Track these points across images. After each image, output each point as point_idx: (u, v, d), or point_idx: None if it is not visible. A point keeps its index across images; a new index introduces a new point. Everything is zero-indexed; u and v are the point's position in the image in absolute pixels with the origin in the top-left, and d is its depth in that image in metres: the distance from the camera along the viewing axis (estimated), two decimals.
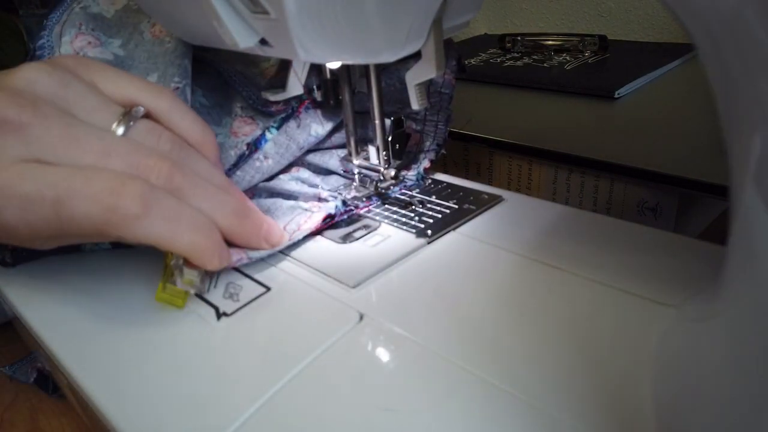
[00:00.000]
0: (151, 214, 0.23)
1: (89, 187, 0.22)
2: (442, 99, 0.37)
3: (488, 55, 0.73)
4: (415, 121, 0.38)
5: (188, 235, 0.24)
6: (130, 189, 0.23)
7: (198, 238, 0.24)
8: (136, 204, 0.22)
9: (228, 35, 0.25)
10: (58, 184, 0.22)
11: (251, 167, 0.35)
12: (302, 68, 0.34)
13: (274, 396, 0.21)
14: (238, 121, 0.36)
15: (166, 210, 0.24)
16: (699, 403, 0.17)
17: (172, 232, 0.24)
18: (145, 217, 0.23)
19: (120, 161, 0.24)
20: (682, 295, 0.24)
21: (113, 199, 0.22)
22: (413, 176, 0.37)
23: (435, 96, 0.36)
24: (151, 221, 0.23)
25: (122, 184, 0.23)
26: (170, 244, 0.24)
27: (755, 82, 0.14)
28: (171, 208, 0.24)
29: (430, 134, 0.37)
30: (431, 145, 0.37)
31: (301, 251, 0.30)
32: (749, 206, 0.15)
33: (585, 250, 0.28)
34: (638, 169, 0.37)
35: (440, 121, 0.37)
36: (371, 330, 0.24)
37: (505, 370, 0.21)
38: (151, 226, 0.23)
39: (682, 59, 0.64)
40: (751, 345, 0.15)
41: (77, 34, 0.34)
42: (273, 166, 0.36)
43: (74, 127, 0.24)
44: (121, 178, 0.23)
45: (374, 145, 0.35)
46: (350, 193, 0.36)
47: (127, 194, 0.22)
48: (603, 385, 0.20)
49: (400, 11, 0.24)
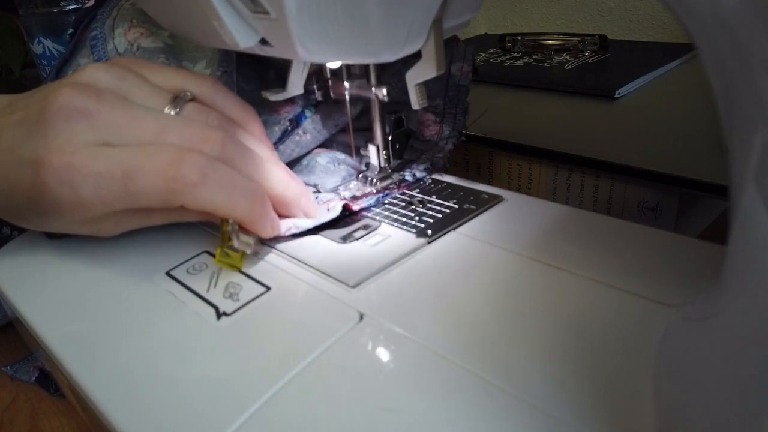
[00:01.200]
0: (209, 182, 0.25)
1: (152, 162, 0.25)
2: (459, 92, 0.39)
3: (488, 55, 0.73)
4: (435, 114, 0.39)
5: (243, 202, 0.26)
6: (188, 160, 0.25)
7: (252, 205, 0.27)
8: (195, 173, 0.25)
9: (228, 35, 0.25)
10: (125, 161, 0.25)
11: (292, 141, 0.38)
12: (302, 68, 0.34)
13: (274, 396, 0.21)
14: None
15: (222, 178, 0.26)
16: (699, 403, 0.17)
17: (229, 199, 0.26)
18: (203, 185, 0.25)
19: (176, 136, 0.27)
20: (683, 295, 0.24)
21: (174, 171, 0.25)
22: (440, 157, 0.38)
23: (453, 89, 0.39)
24: (209, 189, 0.25)
25: (181, 157, 0.25)
26: (227, 211, 0.26)
27: (755, 82, 0.14)
28: (226, 177, 0.26)
29: (449, 124, 0.39)
30: (452, 132, 0.39)
31: (301, 251, 0.30)
32: (749, 206, 0.15)
33: (585, 250, 0.28)
34: (638, 168, 0.37)
35: (458, 113, 0.39)
36: (371, 330, 0.24)
37: (505, 369, 0.21)
38: (209, 194, 0.25)
39: (682, 59, 0.64)
40: (752, 345, 0.15)
41: (130, 27, 0.37)
42: (311, 141, 0.38)
43: (133, 110, 0.27)
44: (179, 152, 0.25)
45: (374, 144, 0.35)
46: (350, 192, 0.36)
47: (185, 165, 0.25)
48: (603, 385, 0.20)
49: (401, 11, 0.24)
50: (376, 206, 0.34)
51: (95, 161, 0.25)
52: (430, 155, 0.38)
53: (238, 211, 0.26)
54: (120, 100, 0.27)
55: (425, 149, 0.39)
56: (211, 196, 0.26)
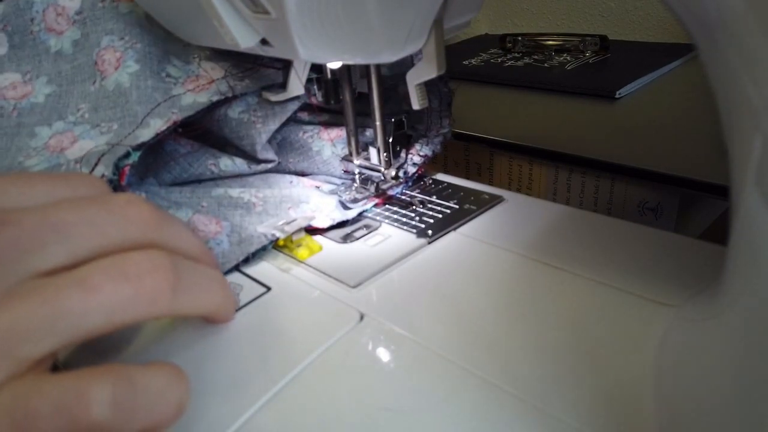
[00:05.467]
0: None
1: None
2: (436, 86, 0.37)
3: (489, 55, 0.73)
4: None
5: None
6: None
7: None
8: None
9: (229, 35, 0.25)
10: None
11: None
12: (303, 68, 0.34)
13: (274, 396, 0.21)
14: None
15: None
16: (700, 402, 0.17)
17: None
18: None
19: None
20: (683, 295, 0.24)
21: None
22: (447, 132, 0.38)
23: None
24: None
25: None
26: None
27: (755, 82, 0.14)
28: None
29: (435, 96, 0.38)
30: (442, 105, 0.38)
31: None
32: (750, 206, 0.15)
33: (586, 250, 0.28)
34: (639, 169, 0.37)
35: (441, 84, 0.37)
36: (372, 330, 0.24)
37: (506, 369, 0.21)
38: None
39: (683, 59, 0.64)
40: (752, 344, 0.15)
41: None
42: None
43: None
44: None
45: (375, 147, 0.35)
46: (350, 194, 0.36)
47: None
48: (603, 385, 0.20)
49: (401, 11, 0.24)
50: (401, 194, 0.36)
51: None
52: (435, 132, 0.38)
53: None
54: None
55: (416, 123, 0.38)
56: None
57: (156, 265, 0.19)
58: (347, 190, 0.36)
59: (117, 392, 0.17)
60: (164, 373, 0.19)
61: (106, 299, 0.18)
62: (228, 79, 0.34)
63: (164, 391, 0.18)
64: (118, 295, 0.18)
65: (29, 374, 0.17)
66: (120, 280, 0.18)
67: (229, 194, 0.33)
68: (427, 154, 0.37)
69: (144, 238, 0.20)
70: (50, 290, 0.17)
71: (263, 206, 0.33)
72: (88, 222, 0.19)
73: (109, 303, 0.18)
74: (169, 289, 0.19)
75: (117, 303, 0.18)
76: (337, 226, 0.32)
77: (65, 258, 0.18)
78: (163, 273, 0.19)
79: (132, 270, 0.18)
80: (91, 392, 0.16)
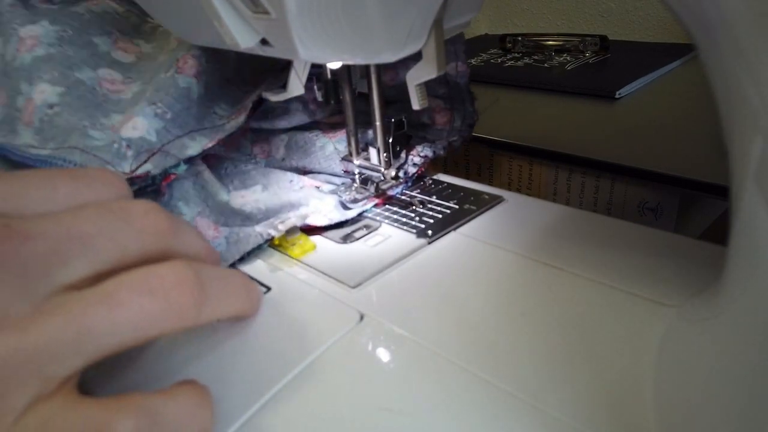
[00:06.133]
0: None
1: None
2: (461, 90, 0.38)
3: (489, 56, 0.73)
4: (443, 100, 0.39)
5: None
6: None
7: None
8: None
9: (229, 35, 0.25)
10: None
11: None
12: (303, 68, 0.34)
13: (274, 396, 0.21)
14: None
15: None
16: (700, 402, 0.17)
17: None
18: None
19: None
20: (683, 295, 0.24)
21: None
22: (455, 140, 0.38)
23: (454, 89, 0.39)
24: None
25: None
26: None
27: (755, 83, 0.14)
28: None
29: (459, 114, 0.39)
30: (462, 124, 0.39)
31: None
32: (750, 206, 0.15)
33: (586, 250, 0.28)
34: (639, 169, 0.37)
35: (467, 104, 0.39)
36: (372, 330, 0.24)
37: (506, 370, 0.21)
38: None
39: (683, 59, 0.64)
40: (753, 344, 0.15)
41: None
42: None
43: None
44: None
45: (375, 147, 0.35)
46: (350, 194, 0.36)
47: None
48: (604, 385, 0.20)
49: (401, 11, 0.24)
50: (401, 194, 0.36)
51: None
52: (444, 142, 0.38)
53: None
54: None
55: (436, 138, 0.39)
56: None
57: (180, 278, 0.19)
58: (347, 190, 0.36)
59: (140, 426, 0.17)
60: (189, 402, 0.19)
61: (133, 315, 0.18)
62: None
63: (188, 421, 0.19)
64: (144, 311, 0.18)
65: (57, 395, 0.17)
66: (146, 294, 0.18)
67: (231, 206, 0.33)
68: (427, 155, 0.37)
69: (160, 247, 0.20)
70: (77, 308, 0.17)
71: (264, 215, 0.33)
72: (108, 234, 0.19)
73: (135, 319, 0.18)
74: (194, 302, 0.19)
75: (144, 318, 0.18)
76: (337, 225, 0.32)
77: (88, 271, 0.18)
78: (188, 285, 0.19)
79: (157, 284, 0.19)
80: (114, 426, 0.17)
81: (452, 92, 0.39)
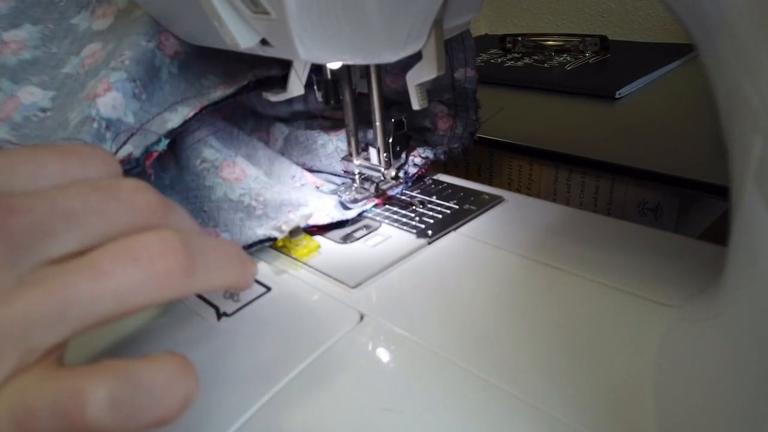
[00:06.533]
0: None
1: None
2: (467, 95, 0.39)
3: (489, 56, 0.73)
4: (447, 106, 0.39)
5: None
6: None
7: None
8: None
9: (229, 35, 0.25)
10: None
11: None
12: (303, 68, 0.34)
13: (274, 396, 0.21)
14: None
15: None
16: (700, 402, 0.17)
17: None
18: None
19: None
20: (683, 295, 0.24)
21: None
22: (456, 147, 0.38)
23: (461, 94, 0.39)
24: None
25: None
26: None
27: (755, 83, 0.14)
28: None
29: (462, 121, 0.39)
30: (464, 132, 0.39)
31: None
32: (750, 206, 0.15)
33: (586, 250, 0.28)
34: (639, 169, 0.37)
35: (470, 111, 0.39)
36: (372, 330, 0.24)
37: (505, 370, 0.21)
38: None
39: (682, 59, 0.64)
40: (752, 345, 0.15)
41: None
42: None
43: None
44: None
45: (375, 147, 0.35)
46: (350, 194, 0.36)
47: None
48: (603, 385, 0.20)
49: (401, 12, 0.24)
50: (401, 195, 0.36)
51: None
52: (444, 147, 0.38)
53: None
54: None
55: (437, 144, 0.39)
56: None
57: (167, 246, 0.18)
58: (347, 190, 0.36)
59: (114, 392, 0.16)
60: (168, 366, 0.18)
61: (117, 284, 0.17)
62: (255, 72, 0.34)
63: (169, 385, 0.18)
64: (129, 279, 0.17)
65: (39, 365, 0.17)
66: (130, 263, 0.18)
67: (229, 197, 0.33)
68: (428, 156, 0.37)
69: (150, 224, 0.20)
70: (60, 278, 0.17)
71: (263, 210, 0.33)
72: (96, 210, 0.19)
73: (120, 287, 0.17)
74: (181, 270, 0.19)
75: (128, 287, 0.17)
76: (337, 225, 0.32)
77: (75, 245, 0.18)
78: (174, 253, 0.19)
79: (142, 252, 0.18)
80: (87, 393, 0.16)
81: (457, 99, 0.39)
